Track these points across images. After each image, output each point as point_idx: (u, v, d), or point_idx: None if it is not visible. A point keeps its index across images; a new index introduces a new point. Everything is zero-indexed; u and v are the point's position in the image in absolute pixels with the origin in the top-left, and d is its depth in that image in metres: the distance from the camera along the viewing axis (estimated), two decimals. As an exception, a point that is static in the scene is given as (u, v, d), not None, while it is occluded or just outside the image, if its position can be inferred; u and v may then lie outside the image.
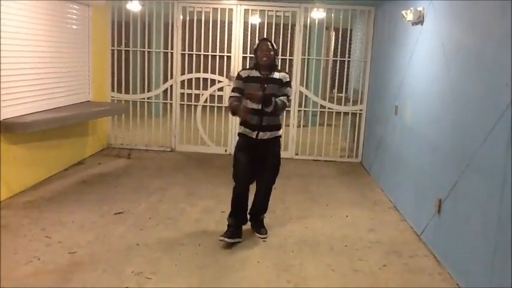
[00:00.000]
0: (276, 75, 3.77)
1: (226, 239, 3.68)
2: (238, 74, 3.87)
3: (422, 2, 4.45)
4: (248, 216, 3.98)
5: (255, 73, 3.76)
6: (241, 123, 3.85)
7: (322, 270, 3.37)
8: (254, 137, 3.75)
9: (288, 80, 3.82)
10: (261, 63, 3.73)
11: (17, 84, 4.53)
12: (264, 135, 3.76)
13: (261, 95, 3.63)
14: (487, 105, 2.99)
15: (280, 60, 6.77)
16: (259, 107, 3.66)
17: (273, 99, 3.63)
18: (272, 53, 3.73)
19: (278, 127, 3.87)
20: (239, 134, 3.87)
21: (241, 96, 3.73)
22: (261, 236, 3.92)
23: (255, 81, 3.72)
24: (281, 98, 3.71)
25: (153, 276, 3.13)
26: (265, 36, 4.37)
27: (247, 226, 4.00)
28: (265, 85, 3.70)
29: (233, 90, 3.82)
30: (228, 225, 3.79)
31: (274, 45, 3.79)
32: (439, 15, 4.04)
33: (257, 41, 3.89)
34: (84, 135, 6.25)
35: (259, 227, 3.99)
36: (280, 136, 3.92)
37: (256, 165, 3.81)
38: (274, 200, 4.68)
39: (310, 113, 7.50)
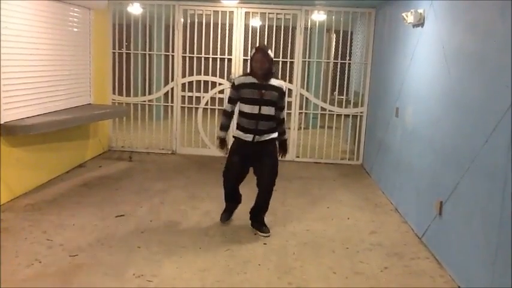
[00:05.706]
0: (274, 82, 3.88)
1: (224, 220, 4.19)
2: (233, 82, 4.02)
3: (422, 3, 4.46)
4: (249, 216, 4.13)
5: (251, 79, 3.85)
6: (237, 128, 3.95)
7: (324, 272, 3.37)
8: (250, 140, 3.86)
9: (285, 89, 4.00)
10: (257, 72, 3.83)
11: (18, 87, 4.54)
12: (260, 138, 3.87)
13: None
14: (487, 107, 2.99)
15: (281, 63, 6.80)
16: (256, 111, 3.79)
17: (287, 143, 4.19)
18: (267, 64, 3.80)
19: (273, 130, 3.95)
20: (234, 137, 3.99)
21: (234, 103, 3.98)
22: (263, 234, 3.98)
23: (251, 87, 3.82)
24: (283, 127, 4.09)
25: (154, 279, 3.14)
26: (262, 44, 4.72)
27: (248, 227, 4.01)
28: (263, 91, 3.80)
29: (228, 101, 4.07)
30: (226, 208, 4.26)
31: (270, 53, 3.85)
32: (439, 17, 4.05)
33: (253, 50, 3.93)
34: (85, 138, 6.26)
35: (260, 225, 4.05)
36: (275, 138, 3.99)
37: (254, 166, 4.00)
38: (275, 202, 4.70)
39: (311, 115, 7.50)
